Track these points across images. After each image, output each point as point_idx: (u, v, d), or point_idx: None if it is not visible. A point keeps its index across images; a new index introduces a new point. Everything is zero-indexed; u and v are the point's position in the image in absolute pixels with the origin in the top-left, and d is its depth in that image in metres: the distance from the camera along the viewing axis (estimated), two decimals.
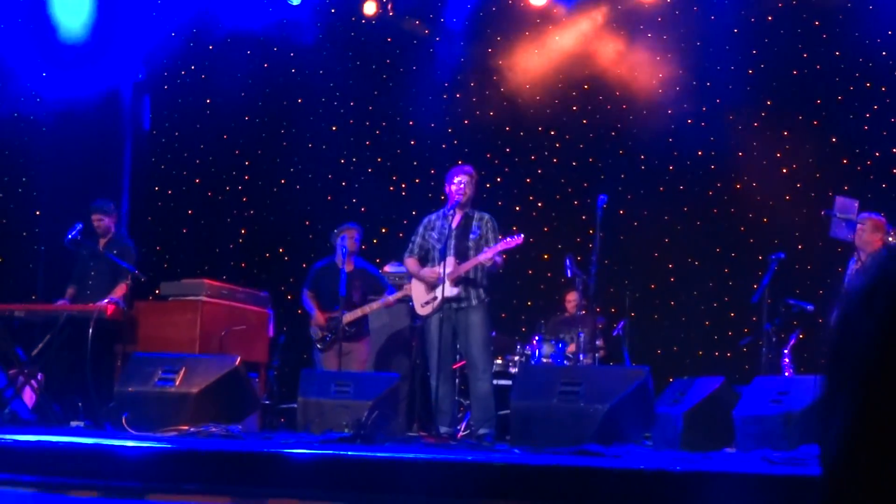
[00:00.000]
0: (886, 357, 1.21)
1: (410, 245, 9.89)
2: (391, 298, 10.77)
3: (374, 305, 10.76)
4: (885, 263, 1.28)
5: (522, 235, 9.59)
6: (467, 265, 9.45)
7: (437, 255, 9.56)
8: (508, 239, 9.50)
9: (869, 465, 1.21)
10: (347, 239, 11.03)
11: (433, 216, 9.88)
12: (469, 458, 6.04)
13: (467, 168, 9.84)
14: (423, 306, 9.68)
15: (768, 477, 5.14)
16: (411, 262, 9.82)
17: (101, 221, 10.95)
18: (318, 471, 5.92)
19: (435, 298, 9.48)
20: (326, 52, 14.35)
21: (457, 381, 10.18)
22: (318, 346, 10.92)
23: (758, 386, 8.10)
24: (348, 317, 10.62)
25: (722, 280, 13.04)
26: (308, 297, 11.12)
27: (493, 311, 10.06)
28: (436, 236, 9.67)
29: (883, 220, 9.39)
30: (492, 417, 9.38)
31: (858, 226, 9.22)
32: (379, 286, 10.98)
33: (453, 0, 14.10)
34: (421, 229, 9.86)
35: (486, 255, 9.39)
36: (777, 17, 13.16)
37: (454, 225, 9.66)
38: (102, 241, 10.91)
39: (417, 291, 9.77)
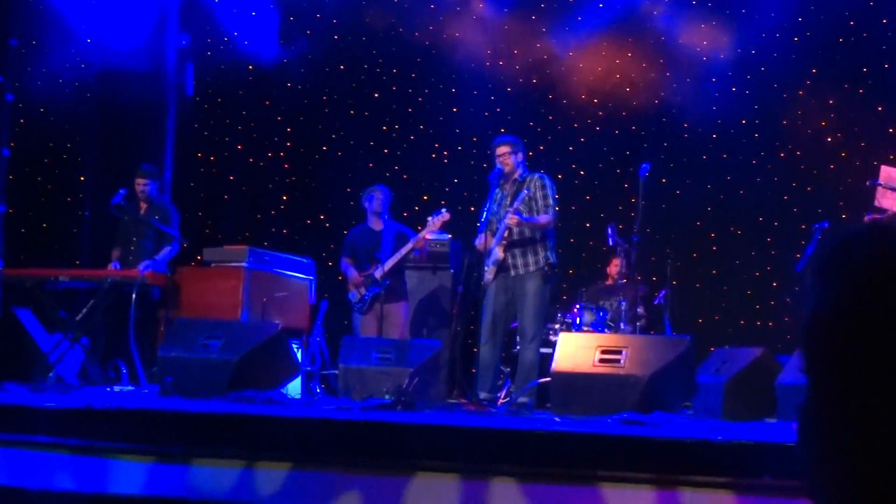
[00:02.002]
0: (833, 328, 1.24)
1: (481, 222, 9.96)
2: (418, 238, 10.77)
3: (404, 251, 10.78)
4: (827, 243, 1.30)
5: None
6: (500, 232, 9.51)
7: (497, 224, 9.66)
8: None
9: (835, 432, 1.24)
10: (375, 200, 11.11)
11: (496, 188, 9.93)
12: (510, 425, 6.06)
13: (506, 138, 9.90)
14: (486, 274, 9.76)
15: None
16: (481, 238, 9.86)
17: (146, 186, 10.99)
18: (358, 436, 5.95)
19: (493, 265, 9.57)
20: (369, 18, 14.31)
21: (499, 347, 10.19)
22: (357, 308, 10.97)
23: (801, 356, 8.05)
24: (380, 271, 10.64)
25: (765, 249, 12.95)
26: (346, 262, 11.19)
27: (555, 275, 10.00)
28: (495, 208, 9.77)
29: None
30: (533, 385, 9.40)
31: None
32: (406, 241, 10.98)
33: None
34: (487, 204, 9.92)
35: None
36: None
37: (506, 192, 9.75)
38: (144, 206, 10.95)
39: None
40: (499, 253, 9.53)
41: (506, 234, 9.56)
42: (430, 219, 10.64)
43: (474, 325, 9.83)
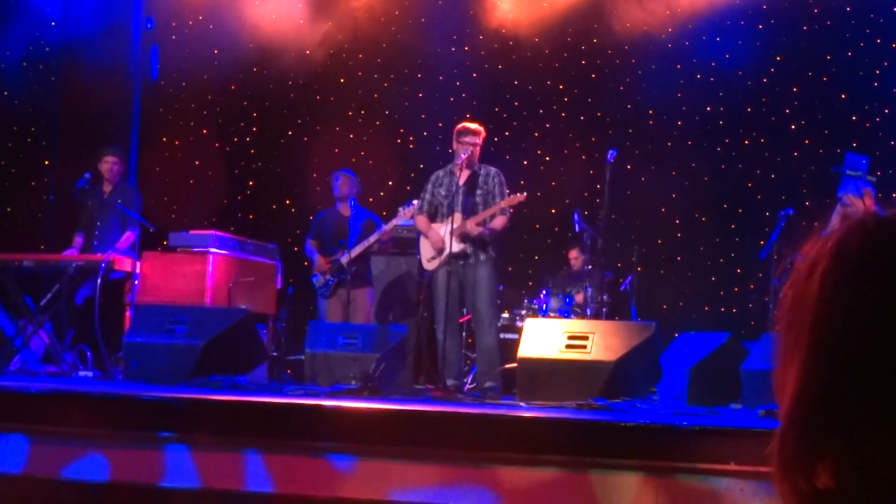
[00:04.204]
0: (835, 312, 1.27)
1: (420, 202, 9.91)
2: (386, 228, 10.73)
3: (372, 239, 10.73)
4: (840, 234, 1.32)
5: (525, 194, 9.61)
6: (474, 220, 9.45)
7: (445, 211, 9.59)
8: (510, 197, 9.53)
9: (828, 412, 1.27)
10: (340, 186, 11.08)
11: (440, 172, 9.88)
12: (475, 410, 6.08)
13: (477, 128, 9.78)
14: (429, 261, 9.71)
15: (775, 433, 5.15)
16: (421, 220, 9.83)
17: (111, 165, 10.89)
18: (325, 422, 5.95)
19: (441, 252, 9.50)
20: (334, 2, 14.26)
21: (463, 334, 10.19)
22: (321, 292, 10.95)
23: (766, 342, 8.11)
24: (346, 257, 10.60)
25: (729, 236, 13.03)
26: (311, 245, 11.15)
27: (501, 265, 10.05)
28: (444, 192, 9.70)
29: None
30: (497, 371, 9.41)
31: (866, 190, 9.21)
32: (374, 228, 10.93)
33: None
34: (430, 186, 9.87)
35: (490, 212, 9.44)
36: None
37: (461, 181, 9.67)
38: (108, 189, 10.87)
39: (425, 246, 9.80)
40: (458, 245, 9.45)
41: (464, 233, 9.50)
42: (400, 209, 10.58)
43: None
